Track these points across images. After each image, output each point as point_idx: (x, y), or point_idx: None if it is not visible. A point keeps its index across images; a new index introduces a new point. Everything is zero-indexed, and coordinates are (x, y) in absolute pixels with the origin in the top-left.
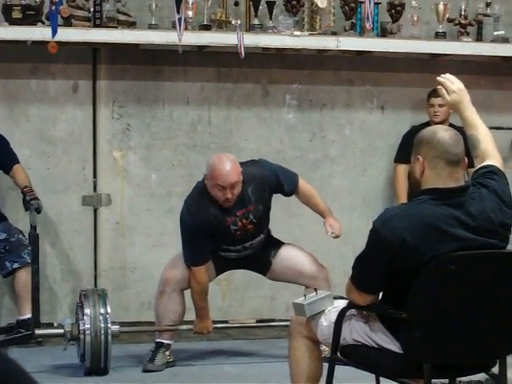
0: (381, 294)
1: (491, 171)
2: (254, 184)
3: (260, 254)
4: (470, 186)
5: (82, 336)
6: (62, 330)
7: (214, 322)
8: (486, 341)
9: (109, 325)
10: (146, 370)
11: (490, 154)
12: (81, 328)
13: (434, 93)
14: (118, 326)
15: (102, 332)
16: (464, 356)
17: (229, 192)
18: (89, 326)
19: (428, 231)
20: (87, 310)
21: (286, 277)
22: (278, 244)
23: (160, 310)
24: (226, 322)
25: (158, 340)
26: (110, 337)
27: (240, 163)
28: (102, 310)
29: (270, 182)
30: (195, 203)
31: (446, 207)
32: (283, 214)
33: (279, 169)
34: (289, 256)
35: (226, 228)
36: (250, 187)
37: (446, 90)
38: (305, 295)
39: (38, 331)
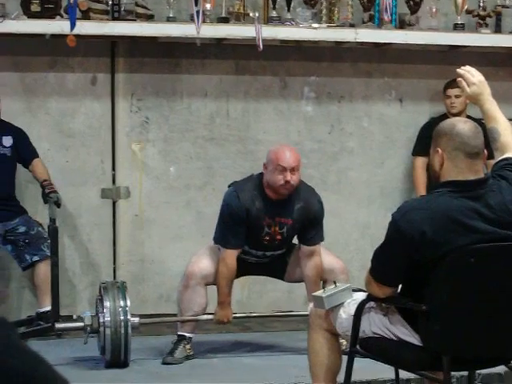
0: (399, 287)
1: (511, 164)
2: (304, 204)
3: (278, 262)
4: (489, 179)
5: (101, 329)
6: (81, 323)
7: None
8: (505, 333)
9: (128, 317)
10: (165, 363)
11: (511, 147)
12: (101, 321)
13: (450, 84)
14: (137, 319)
15: (122, 325)
16: (483, 349)
17: (289, 174)
18: (109, 318)
19: (447, 224)
20: (107, 303)
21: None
22: (293, 246)
23: (184, 304)
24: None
25: (179, 333)
26: (129, 329)
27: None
28: (122, 303)
29: (315, 215)
30: (246, 190)
31: (465, 199)
32: None
33: (322, 218)
34: (303, 253)
35: (261, 227)
36: (299, 204)
37: (466, 82)
38: (324, 288)
39: (57, 324)
